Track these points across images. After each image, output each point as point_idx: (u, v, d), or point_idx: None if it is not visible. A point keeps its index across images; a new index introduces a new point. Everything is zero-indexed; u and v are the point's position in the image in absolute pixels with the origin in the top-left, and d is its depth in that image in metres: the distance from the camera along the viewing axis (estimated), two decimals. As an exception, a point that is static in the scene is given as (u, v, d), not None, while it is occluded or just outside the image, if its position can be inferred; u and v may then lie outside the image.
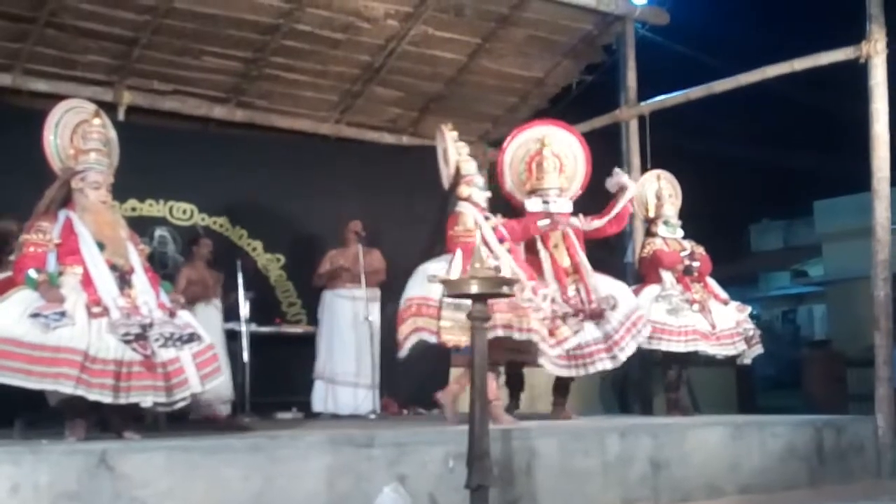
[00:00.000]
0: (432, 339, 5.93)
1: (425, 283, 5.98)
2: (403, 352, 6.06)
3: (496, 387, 6.14)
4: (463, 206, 6.22)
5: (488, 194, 6.41)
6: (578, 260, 6.68)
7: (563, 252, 6.70)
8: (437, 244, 6.50)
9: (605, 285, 6.62)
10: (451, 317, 5.79)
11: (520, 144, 7.01)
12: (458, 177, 6.31)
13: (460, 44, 8.96)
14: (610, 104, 9.09)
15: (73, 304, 4.69)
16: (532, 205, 6.76)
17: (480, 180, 6.36)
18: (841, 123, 12.30)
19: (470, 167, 6.34)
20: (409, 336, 5.96)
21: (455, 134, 6.47)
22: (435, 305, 5.87)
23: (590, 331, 6.41)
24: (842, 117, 11.35)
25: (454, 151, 6.37)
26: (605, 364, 6.41)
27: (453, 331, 5.81)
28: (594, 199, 7.16)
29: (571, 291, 6.51)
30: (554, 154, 6.87)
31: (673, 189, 7.67)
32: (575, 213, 6.89)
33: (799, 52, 7.52)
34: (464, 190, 6.26)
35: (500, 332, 5.71)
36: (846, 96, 8.43)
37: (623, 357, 6.44)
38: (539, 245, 6.70)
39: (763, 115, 20.33)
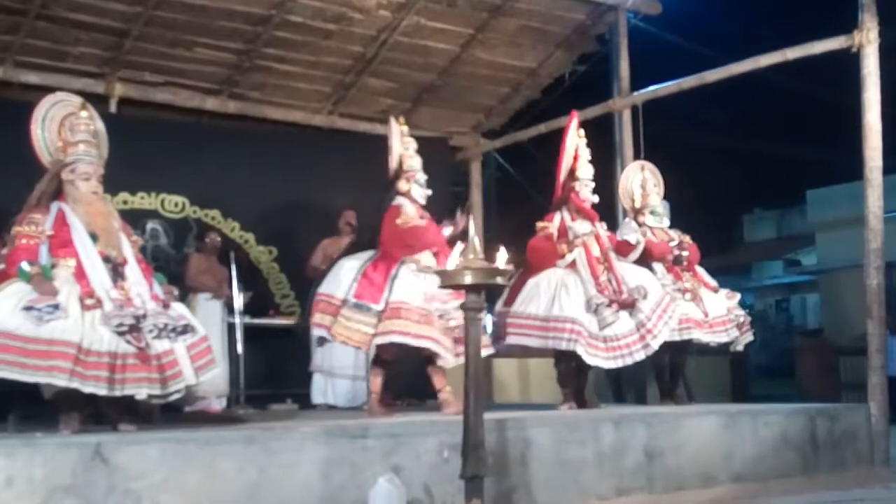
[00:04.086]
0: (324, 333, 6.09)
1: (334, 280, 6.10)
2: (317, 344, 6.43)
3: (380, 382, 6.25)
4: (400, 201, 6.28)
5: (428, 192, 6.41)
6: (606, 250, 6.73)
7: (594, 242, 6.74)
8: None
9: (632, 275, 6.66)
10: (348, 315, 5.94)
11: (575, 130, 7.00)
12: (400, 171, 6.36)
13: (453, 34, 8.95)
14: (603, 94, 9.08)
15: (66, 296, 4.68)
16: (584, 192, 6.84)
17: (422, 177, 6.39)
18: (833, 113, 12.31)
19: (414, 163, 6.38)
20: (313, 330, 6.15)
21: (405, 129, 6.50)
22: (337, 303, 5.98)
23: (624, 321, 6.45)
24: (834, 107, 11.36)
25: (399, 145, 6.42)
26: (640, 355, 6.47)
27: (345, 329, 5.94)
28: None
29: (604, 281, 6.53)
30: (585, 146, 6.94)
31: (656, 179, 7.69)
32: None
33: (791, 42, 7.52)
34: (403, 185, 6.33)
35: (395, 339, 5.86)
36: (838, 86, 8.43)
37: (655, 344, 6.47)
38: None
39: (756, 105, 20.35)
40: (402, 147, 6.43)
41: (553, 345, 6.45)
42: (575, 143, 6.92)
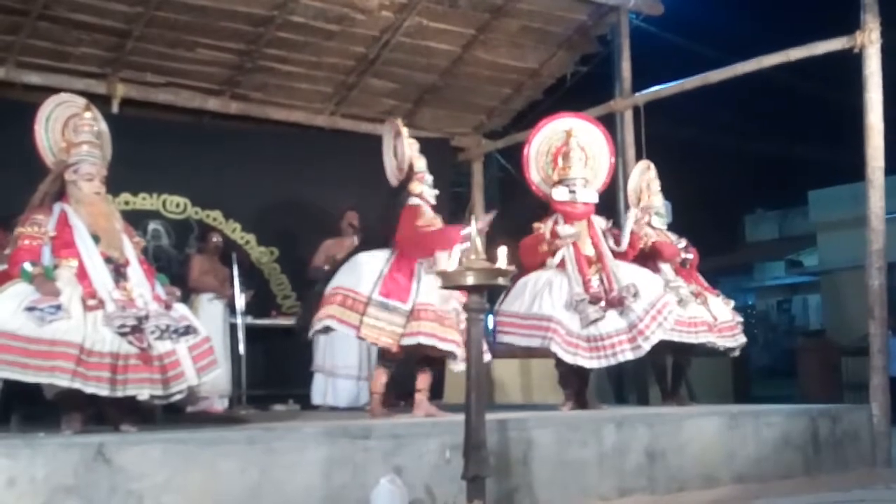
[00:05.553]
0: (351, 332, 5.90)
1: (355, 274, 5.94)
2: (311, 333, 6.10)
3: (384, 382, 6.11)
4: (416, 202, 6.20)
5: (436, 192, 6.36)
6: (601, 249, 6.66)
7: (587, 241, 6.69)
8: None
9: (627, 274, 6.58)
10: (376, 314, 5.77)
11: (546, 136, 6.98)
12: (410, 173, 6.28)
13: (455, 35, 8.96)
14: (604, 95, 9.09)
15: (68, 297, 4.68)
16: (559, 194, 6.74)
17: (430, 178, 6.32)
18: (835, 113, 12.32)
19: (422, 164, 6.31)
20: (322, 321, 5.91)
21: (406, 130, 6.44)
22: (362, 301, 5.81)
23: (612, 321, 6.35)
24: (836, 107, 11.36)
25: (408, 147, 6.33)
26: (627, 355, 6.36)
27: (374, 329, 5.77)
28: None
29: (594, 281, 6.48)
30: (580, 146, 6.86)
31: (657, 180, 7.69)
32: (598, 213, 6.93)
33: (794, 42, 7.52)
34: (416, 186, 6.23)
35: (422, 340, 5.72)
36: (841, 86, 8.43)
37: (647, 346, 6.36)
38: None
39: (758, 106, 20.35)
40: (410, 149, 6.34)
41: (531, 343, 6.43)
42: (546, 148, 6.93)
